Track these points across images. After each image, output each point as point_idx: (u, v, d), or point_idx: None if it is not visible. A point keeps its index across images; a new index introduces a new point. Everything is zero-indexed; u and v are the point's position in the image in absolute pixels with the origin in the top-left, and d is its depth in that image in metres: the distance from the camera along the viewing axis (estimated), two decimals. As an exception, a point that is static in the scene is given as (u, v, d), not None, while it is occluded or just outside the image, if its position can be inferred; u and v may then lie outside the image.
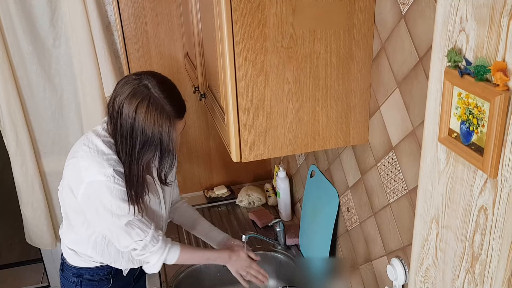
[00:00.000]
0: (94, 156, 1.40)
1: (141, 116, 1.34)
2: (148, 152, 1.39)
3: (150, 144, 1.37)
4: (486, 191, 0.79)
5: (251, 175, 2.65)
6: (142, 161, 1.41)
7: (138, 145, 1.37)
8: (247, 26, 1.20)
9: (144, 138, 1.36)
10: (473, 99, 0.78)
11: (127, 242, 1.48)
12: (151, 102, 1.34)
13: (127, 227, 1.45)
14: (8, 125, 2.25)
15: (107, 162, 1.40)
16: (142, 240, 1.48)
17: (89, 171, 1.39)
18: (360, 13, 1.27)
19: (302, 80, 1.29)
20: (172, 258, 1.56)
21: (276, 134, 1.33)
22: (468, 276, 0.87)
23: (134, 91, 1.35)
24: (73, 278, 1.68)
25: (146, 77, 1.38)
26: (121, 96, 1.36)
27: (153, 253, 1.52)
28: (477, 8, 0.76)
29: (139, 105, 1.33)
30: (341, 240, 1.72)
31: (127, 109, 1.35)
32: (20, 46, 2.17)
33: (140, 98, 1.34)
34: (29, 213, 2.45)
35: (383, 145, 1.34)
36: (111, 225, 1.44)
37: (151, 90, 1.35)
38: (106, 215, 1.42)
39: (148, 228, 1.49)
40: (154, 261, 1.53)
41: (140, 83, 1.36)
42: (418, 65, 1.12)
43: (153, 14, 2.17)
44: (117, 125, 1.38)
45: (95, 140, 1.43)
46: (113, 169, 1.39)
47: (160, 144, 1.37)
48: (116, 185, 1.40)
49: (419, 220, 1.00)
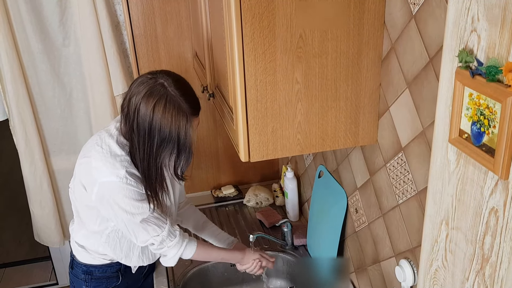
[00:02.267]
0: (107, 157, 1.41)
1: (158, 114, 1.34)
2: (166, 149, 1.40)
3: (168, 142, 1.38)
4: (497, 192, 0.78)
5: (259, 175, 2.65)
6: (160, 159, 1.42)
7: (156, 144, 1.38)
8: (256, 26, 1.20)
9: (162, 136, 1.37)
10: (485, 100, 0.77)
11: (145, 237, 1.49)
12: (168, 100, 1.35)
13: (142, 223, 1.46)
14: (18, 124, 2.26)
15: (119, 163, 1.40)
16: (159, 235, 1.49)
17: (102, 172, 1.40)
18: (370, 13, 1.26)
19: (311, 80, 1.29)
20: (189, 253, 1.58)
21: (284, 134, 1.33)
22: (478, 278, 0.86)
23: (150, 90, 1.35)
24: (83, 275, 1.69)
25: (162, 76, 1.38)
26: (137, 96, 1.36)
27: (170, 248, 1.53)
28: (489, 8, 0.76)
29: (157, 104, 1.34)
30: (349, 241, 1.72)
31: (144, 108, 1.35)
32: (30, 45, 2.19)
33: (157, 97, 1.34)
34: (38, 211, 2.47)
35: (392, 145, 1.33)
36: (127, 222, 1.46)
37: (168, 88, 1.36)
38: (121, 213, 1.43)
39: (164, 224, 1.50)
40: (171, 255, 1.55)
41: (156, 82, 1.37)
42: (429, 65, 1.11)
43: (162, 13, 2.18)
44: (134, 124, 1.38)
45: (108, 140, 1.44)
46: (126, 170, 1.40)
47: (177, 141, 1.38)
48: (129, 186, 1.41)
49: (429, 222, 1.00)
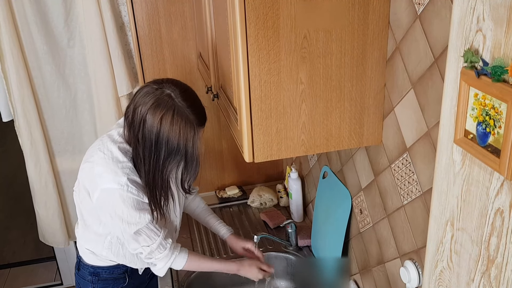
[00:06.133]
0: (109, 164, 1.39)
1: (166, 126, 1.32)
2: (173, 162, 1.39)
3: (175, 154, 1.36)
4: (502, 193, 0.78)
5: (263, 176, 2.65)
6: (167, 171, 1.40)
7: (163, 156, 1.36)
8: (260, 26, 1.20)
9: (170, 149, 1.35)
10: (490, 100, 0.77)
11: (135, 246, 1.50)
12: (176, 112, 1.32)
13: (135, 234, 1.47)
14: (23, 124, 2.27)
15: (121, 170, 1.39)
16: (149, 246, 1.49)
17: (103, 178, 1.39)
18: (375, 13, 1.26)
19: (316, 80, 1.29)
20: (179, 265, 1.58)
21: (289, 135, 1.33)
22: (483, 279, 0.86)
23: (157, 102, 1.33)
24: (89, 276, 1.69)
25: (168, 86, 1.36)
26: (143, 106, 1.34)
27: (159, 260, 1.53)
28: (495, 8, 0.75)
29: (164, 116, 1.32)
30: (354, 241, 1.71)
31: (151, 119, 1.32)
32: (35, 46, 2.20)
33: (165, 108, 1.32)
34: (43, 212, 2.48)
35: (397, 146, 1.33)
36: (122, 231, 1.46)
37: (175, 100, 1.33)
38: (118, 221, 1.43)
39: (157, 236, 1.50)
40: (160, 266, 1.55)
41: (163, 93, 1.34)
42: (434, 65, 1.11)
43: (166, 14, 2.18)
44: (139, 135, 1.36)
45: (111, 146, 1.42)
46: (127, 178, 1.39)
47: (185, 153, 1.37)
48: (130, 193, 1.39)
49: (434, 222, 1.00)
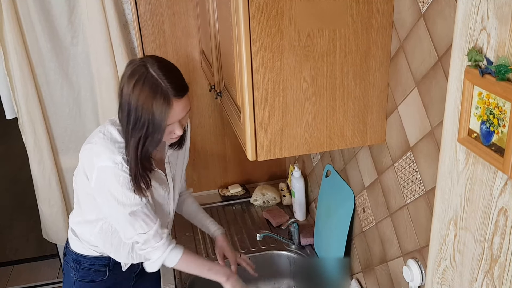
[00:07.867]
0: (107, 143, 1.43)
1: (136, 93, 1.34)
2: (140, 129, 1.37)
3: (142, 122, 1.35)
4: (506, 192, 0.78)
5: (266, 174, 2.65)
6: (135, 140, 1.39)
7: (131, 123, 1.37)
8: (264, 25, 1.20)
9: (137, 115, 1.35)
10: (494, 99, 0.77)
11: (130, 234, 1.49)
12: (147, 79, 1.34)
13: (131, 217, 1.46)
14: (27, 122, 2.28)
15: (117, 149, 1.42)
16: (145, 234, 1.48)
17: (100, 157, 1.42)
18: (379, 12, 1.26)
19: (319, 79, 1.29)
20: (173, 260, 1.54)
21: (292, 133, 1.33)
22: (486, 278, 0.86)
23: (133, 71, 1.37)
24: (72, 263, 1.71)
25: (147, 59, 1.39)
26: (123, 77, 1.39)
27: (154, 249, 1.51)
28: (499, 6, 0.75)
29: (136, 83, 1.35)
30: (356, 240, 1.71)
31: (126, 88, 1.36)
32: (38, 44, 2.20)
33: (137, 76, 1.35)
34: (46, 209, 2.48)
35: (401, 145, 1.33)
36: (116, 212, 1.46)
37: (149, 68, 1.35)
38: (113, 201, 1.44)
39: (153, 223, 1.49)
40: (155, 257, 1.52)
41: (139, 63, 1.38)
42: (437, 64, 1.11)
43: (170, 12, 2.18)
44: (120, 106, 1.41)
45: (111, 128, 1.47)
46: (123, 157, 1.42)
47: (152, 121, 1.35)
48: (123, 172, 1.42)
49: (437, 221, 0.99)
